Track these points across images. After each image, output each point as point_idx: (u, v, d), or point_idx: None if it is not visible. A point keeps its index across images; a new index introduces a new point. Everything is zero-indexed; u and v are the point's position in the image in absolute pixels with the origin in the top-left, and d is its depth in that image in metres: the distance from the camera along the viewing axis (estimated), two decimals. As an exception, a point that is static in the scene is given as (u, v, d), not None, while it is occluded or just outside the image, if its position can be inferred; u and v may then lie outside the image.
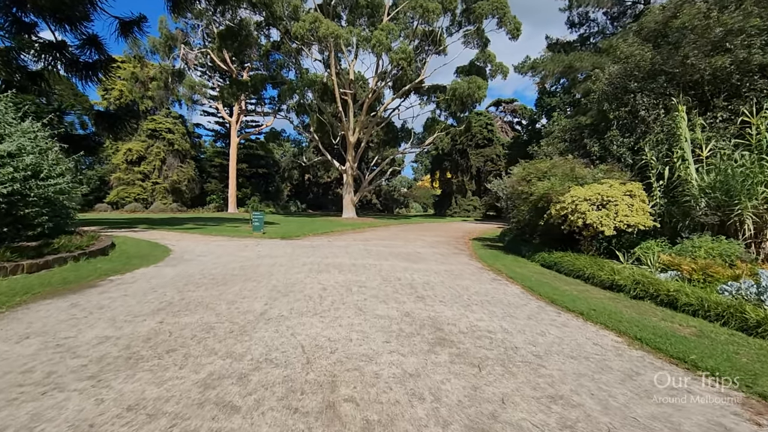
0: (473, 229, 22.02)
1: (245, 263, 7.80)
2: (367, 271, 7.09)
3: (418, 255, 9.82)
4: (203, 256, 8.83)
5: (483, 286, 6.21)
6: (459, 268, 7.94)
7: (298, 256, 8.87)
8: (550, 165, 9.87)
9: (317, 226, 20.32)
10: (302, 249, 10.42)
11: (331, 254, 9.39)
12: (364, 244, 12.14)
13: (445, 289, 5.80)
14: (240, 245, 11.11)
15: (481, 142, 42.89)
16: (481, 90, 28.85)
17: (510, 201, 12.53)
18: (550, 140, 13.80)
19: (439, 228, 22.67)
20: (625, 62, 10.04)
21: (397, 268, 7.64)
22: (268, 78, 30.41)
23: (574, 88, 21.09)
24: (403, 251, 10.47)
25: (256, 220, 15.14)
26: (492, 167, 43.23)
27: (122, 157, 34.65)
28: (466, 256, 10.08)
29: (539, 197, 9.19)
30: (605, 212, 7.66)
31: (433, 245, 12.46)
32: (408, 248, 11.29)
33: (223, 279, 6.18)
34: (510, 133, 47.96)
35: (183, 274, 6.64)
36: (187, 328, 3.72)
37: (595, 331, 4.04)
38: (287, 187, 53.45)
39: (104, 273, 6.60)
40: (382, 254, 9.66)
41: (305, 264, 7.76)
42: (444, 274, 7.18)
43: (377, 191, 51.91)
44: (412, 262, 8.55)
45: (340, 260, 8.39)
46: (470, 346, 3.40)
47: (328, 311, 4.39)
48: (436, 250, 11.21)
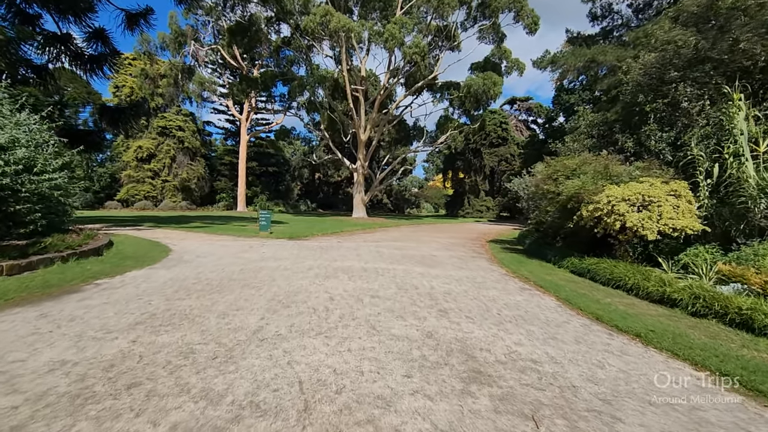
0: (488, 231, 21.14)
1: (246, 266, 7.15)
2: (380, 278, 6.37)
3: (433, 258, 9.07)
4: (203, 258, 8.22)
5: (512, 297, 5.44)
6: (481, 275, 7.17)
7: (305, 259, 8.20)
8: (579, 162, 9.03)
9: (327, 225, 19.68)
10: (309, 251, 9.76)
11: (340, 257, 8.70)
12: (375, 245, 11.44)
13: (470, 301, 5.05)
14: (244, 246, 10.50)
15: (495, 141, 41.84)
16: (496, 86, 27.92)
17: (532, 201, 11.70)
18: (575, 136, 12.90)
19: (452, 229, 21.84)
20: (663, 50, 9.14)
21: (412, 273, 6.90)
22: (279, 75, 29.92)
23: (596, 84, 20.06)
24: (417, 254, 9.73)
25: (262, 220, 14.55)
26: (506, 167, 42.15)
27: (133, 154, 34.56)
28: (486, 261, 9.30)
29: (568, 197, 8.36)
30: (647, 214, 6.81)
31: (449, 247, 11.69)
32: (422, 251, 10.55)
33: (219, 285, 5.52)
34: (525, 132, 46.76)
35: (177, 278, 6.01)
36: (163, 350, 3.05)
37: (663, 362, 3.25)
38: (297, 186, 53.07)
39: (92, 276, 6.01)
40: (395, 257, 8.94)
41: (311, 268, 7.08)
42: (466, 281, 6.42)
43: (388, 191, 51.18)
44: (428, 266, 7.81)
45: (350, 264, 7.69)
46: (514, 384, 2.65)
47: (335, 329, 3.68)
48: (453, 252, 10.44)
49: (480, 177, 42.68)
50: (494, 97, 28.46)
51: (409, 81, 31.43)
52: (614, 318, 4.45)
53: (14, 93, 10.02)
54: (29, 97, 11.41)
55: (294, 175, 50.41)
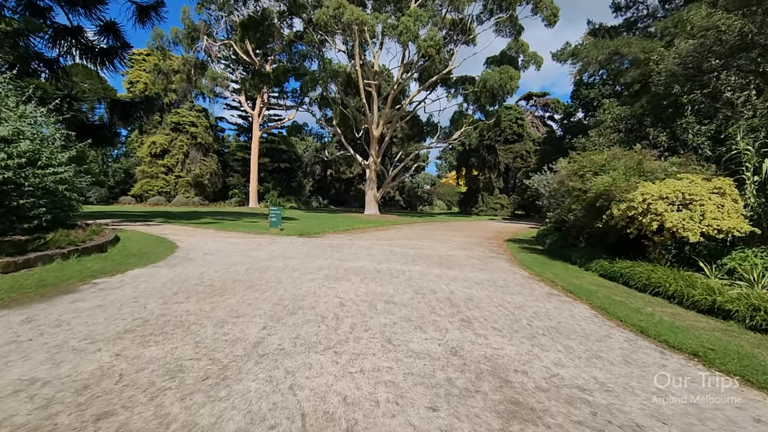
0: (504, 229, 20.51)
1: (253, 265, 6.77)
2: (395, 280, 5.91)
3: (450, 259, 8.58)
4: (210, 255, 7.89)
5: (541, 304, 4.92)
6: (502, 277, 6.65)
7: (315, 258, 7.79)
8: (609, 157, 8.40)
9: (338, 222, 19.31)
10: (320, 249, 9.35)
11: (351, 256, 8.27)
12: (388, 244, 10.98)
13: (495, 308, 4.56)
14: (253, 243, 10.16)
15: (510, 137, 40.91)
16: (513, 81, 27.11)
17: (554, 199, 11.10)
18: (600, 130, 12.19)
19: (466, 227, 21.26)
20: (701, 37, 8.43)
21: (429, 275, 6.43)
22: (291, 70, 29.59)
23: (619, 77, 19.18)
24: (433, 254, 9.25)
25: (273, 216, 14.23)
26: (521, 164, 41.22)
27: (146, 150, 34.74)
28: (506, 262, 8.76)
29: (597, 194, 7.77)
30: (688, 214, 6.20)
31: (465, 247, 11.17)
32: (438, 250, 10.05)
33: (222, 286, 5.14)
34: (541, 128, 45.64)
35: (179, 278, 5.65)
36: (148, 367, 2.65)
37: (737, 391, 2.72)
38: (309, 183, 52.92)
39: (91, 274, 5.70)
40: (410, 257, 8.47)
41: (321, 268, 6.66)
42: (487, 285, 5.91)
43: (400, 188, 50.65)
44: (445, 267, 7.32)
45: (362, 264, 7.25)
46: (564, 422, 2.17)
47: (346, 342, 3.24)
48: (470, 252, 9.92)
49: (494, 174, 41.83)
50: (511, 92, 27.67)
51: (422, 76, 30.80)
52: (662, 332, 3.91)
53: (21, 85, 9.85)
54: (36, 89, 11.27)
55: (306, 172, 50.24)
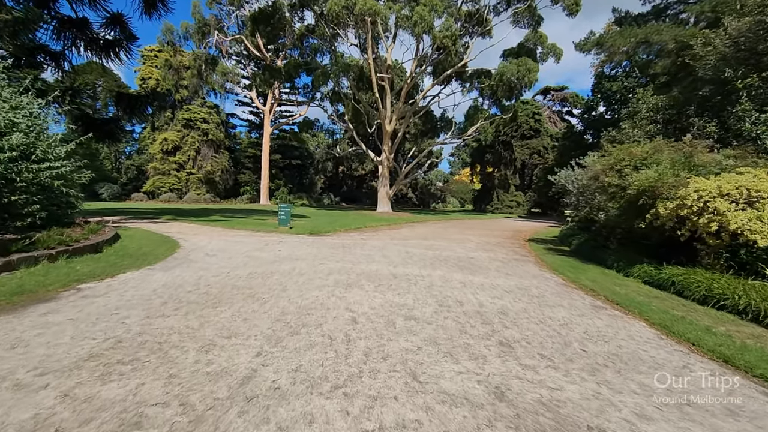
0: (522, 228, 19.59)
1: (257, 269, 6.13)
2: (414, 287, 5.20)
3: (472, 261, 7.82)
4: (212, 256, 7.30)
5: (589, 320, 4.15)
6: (535, 284, 5.88)
7: (324, 260, 7.13)
8: (651, 149, 7.52)
9: (350, 220, 18.66)
10: (330, 249, 8.69)
11: (364, 258, 7.59)
12: (403, 244, 10.27)
13: (536, 326, 3.81)
14: (260, 242, 9.56)
15: (527, 132, 39.68)
16: (531, 73, 26.07)
17: (582, 196, 10.23)
18: (635, 122, 11.24)
19: (483, 225, 20.39)
20: (759, 14, 7.47)
21: (451, 282, 5.70)
22: (302, 64, 29.00)
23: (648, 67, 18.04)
24: (451, 255, 8.50)
25: (282, 213, 13.64)
26: (538, 160, 39.97)
27: (158, 146, 34.64)
28: (533, 265, 7.97)
29: (639, 191, 6.91)
30: (755, 213, 5.33)
31: (486, 247, 10.39)
32: (457, 250, 9.30)
33: (218, 295, 4.51)
34: (559, 123, 44.21)
35: (172, 283, 5.05)
36: (96, 419, 1.99)
37: None
38: (321, 180, 52.48)
39: (77, 278, 5.14)
40: (428, 259, 7.74)
41: (331, 273, 5.98)
42: (520, 294, 5.16)
43: (413, 185, 49.81)
44: (468, 272, 6.58)
45: (376, 268, 6.56)
46: None
47: (359, 378, 2.54)
48: (492, 254, 9.14)
49: (510, 171, 40.68)
50: (529, 85, 26.62)
51: (437, 69, 29.89)
52: (753, 362, 3.12)
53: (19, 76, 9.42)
54: (35, 80, 10.84)
55: (317, 169, 49.77)
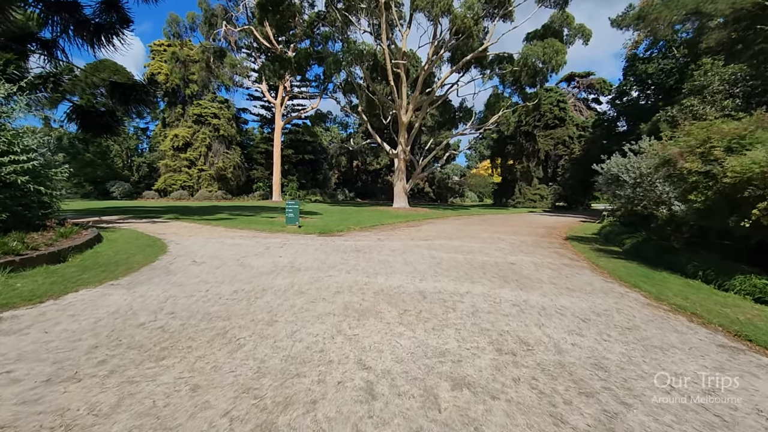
0: (552, 223, 17.84)
1: (245, 285, 4.79)
2: (452, 315, 3.76)
3: (515, 269, 6.31)
4: (198, 265, 6.00)
5: (746, 381, 2.63)
6: (613, 306, 4.35)
7: (332, 270, 5.74)
8: (752, 124, 5.83)
9: (364, 217, 17.28)
10: (341, 254, 7.31)
11: (382, 266, 6.17)
12: (426, 245, 8.80)
13: (665, 398, 2.32)
14: (260, 246, 8.26)
15: (551, 122, 37.44)
16: (559, 55, 24.11)
17: (640, 187, 8.57)
18: (707, 96, 9.44)
19: (508, 221, 18.70)
20: None
21: (501, 303, 4.23)
22: (313, 54, 27.64)
23: (699, 42, 15.95)
24: (488, 260, 7.00)
25: (289, 211, 12.34)
26: (563, 151, 37.73)
27: (169, 143, 33.90)
28: (592, 272, 6.40)
29: (740, 180, 5.27)
30: None
31: (524, 248, 8.83)
32: (491, 253, 7.78)
33: (176, 333, 3.16)
34: (585, 111, 41.74)
35: (127, 310, 3.75)
36: None
37: None
38: (335, 175, 51.28)
39: (6, 302, 3.90)
40: (461, 266, 6.27)
41: (340, 290, 4.58)
42: (602, 325, 3.65)
43: (430, 179, 48.06)
44: (517, 286, 5.08)
45: (399, 282, 5.12)
46: None
47: None
48: (535, 257, 7.59)
49: (533, 162, 38.55)
50: (556, 68, 24.62)
51: (455, 56, 28.10)
52: None
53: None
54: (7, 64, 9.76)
55: (332, 164, 48.53)
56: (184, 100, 35.06)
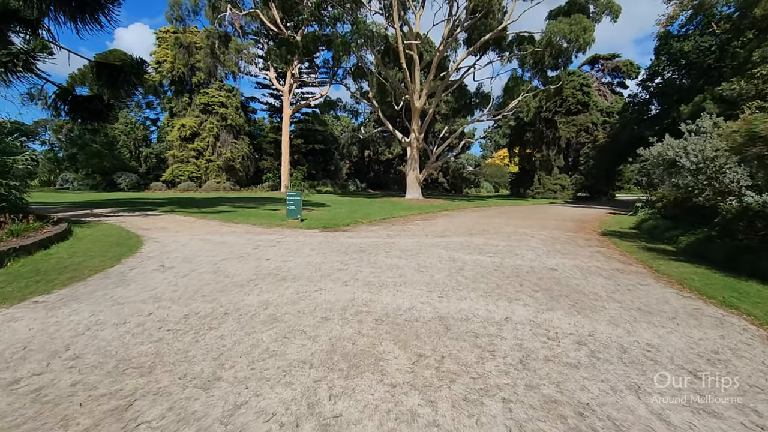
0: (581, 216, 16.26)
1: (203, 306, 3.58)
2: (490, 365, 2.47)
3: (558, 278, 4.97)
4: (162, 272, 4.85)
5: None
6: (720, 342, 3.00)
7: (325, 281, 4.50)
8: None
9: (375, 209, 16.02)
10: (342, 256, 6.07)
11: (389, 274, 4.90)
12: (444, 243, 7.49)
13: None
14: (251, 244, 7.08)
15: (573, 107, 35.31)
16: (587, 33, 22.17)
17: (703, 174, 7.08)
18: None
19: (531, 213, 17.18)
20: None
21: (560, 342, 2.92)
22: (321, 37, 26.21)
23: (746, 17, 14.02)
24: (521, 265, 5.66)
25: (290, 203, 11.16)
26: (586, 138, 35.64)
27: (176, 133, 33.07)
28: (657, 282, 5.00)
29: None
30: None
31: (559, 247, 7.44)
32: (524, 255, 6.43)
33: (55, 402, 1.96)
34: (610, 96, 39.34)
35: (19, 348, 2.57)
36: None
37: None
38: (346, 165, 50.02)
39: None
40: (490, 275, 4.95)
41: (328, 317, 3.33)
42: (739, 390, 2.33)
43: (444, 169, 46.36)
44: (573, 308, 3.75)
45: (410, 301, 3.84)
46: None
47: None
48: (578, 261, 6.21)
49: (553, 151, 36.54)
50: (584, 47, 22.68)
51: (472, 37, 26.34)
52: None
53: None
54: None
55: (343, 153, 47.26)
56: (191, 88, 34.11)
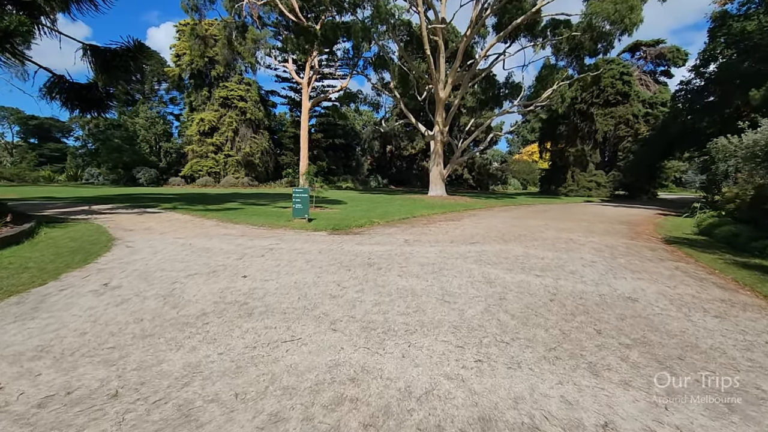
0: (627, 218, 14.24)
1: (96, 372, 2.24)
2: None
3: (644, 318, 3.39)
4: (97, 296, 3.60)
5: None
6: None
7: (304, 321, 3.09)
8: None
9: (394, 207, 14.58)
10: (340, 274, 4.66)
11: (400, 307, 3.46)
12: (474, 254, 5.97)
13: None
14: (238, 251, 5.80)
15: (612, 98, 32.59)
16: (634, 12, 19.86)
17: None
18: None
19: (570, 214, 15.27)
20: None
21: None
22: (341, 26, 24.88)
23: None
24: (586, 292, 4.09)
25: (297, 201, 9.86)
26: (626, 131, 32.88)
27: (196, 127, 32.60)
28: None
29: None
30: None
31: (623, 262, 5.78)
32: (583, 274, 4.84)
33: None
34: (653, 86, 36.23)
35: None
36: None
37: None
38: (368, 161, 48.72)
39: None
40: (546, 312, 3.43)
41: (279, 414, 1.91)
42: None
43: (469, 164, 44.29)
44: (718, 400, 2.21)
45: (428, 375, 2.39)
46: None
47: None
48: (660, 286, 4.57)
49: (588, 145, 33.94)
50: (629, 29, 20.33)
51: (502, 21, 24.35)
52: None
53: None
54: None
55: (364, 149, 45.96)
56: (211, 82, 33.56)
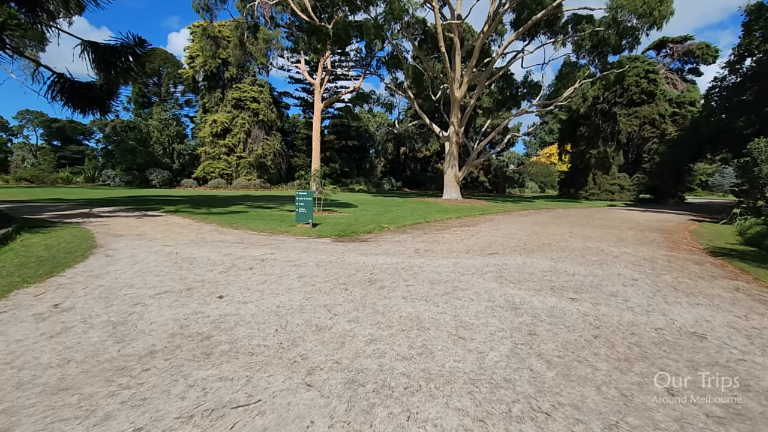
0: (657, 224, 13.11)
1: None
2: None
3: (722, 363, 2.54)
4: (35, 322, 2.94)
5: None
6: None
7: (280, 361, 2.36)
8: None
9: (406, 211, 13.82)
10: (336, 294, 3.93)
11: (404, 342, 2.70)
12: (494, 269, 5.16)
13: None
14: (226, 261, 5.14)
15: (636, 97, 31.11)
16: (664, 4, 18.65)
17: None
18: None
19: (594, 219, 14.19)
20: None
21: None
22: (353, 24, 24.31)
23: None
24: (637, 323, 3.25)
25: (300, 205, 9.21)
26: (651, 132, 31.35)
27: (208, 129, 32.51)
28: None
29: None
30: None
31: (669, 280, 4.88)
32: (626, 296, 3.99)
33: None
34: (680, 84, 34.54)
35: None
36: None
37: None
38: (381, 163, 48.05)
39: None
40: (592, 356, 2.62)
41: None
42: None
43: (486, 167, 43.16)
44: None
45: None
46: None
47: None
48: (726, 314, 3.68)
49: (611, 147, 32.48)
50: (659, 22, 19.08)
51: (520, 17, 23.35)
52: None
53: None
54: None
55: (378, 150, 45.31)
56: (224, 84, 33.46)
